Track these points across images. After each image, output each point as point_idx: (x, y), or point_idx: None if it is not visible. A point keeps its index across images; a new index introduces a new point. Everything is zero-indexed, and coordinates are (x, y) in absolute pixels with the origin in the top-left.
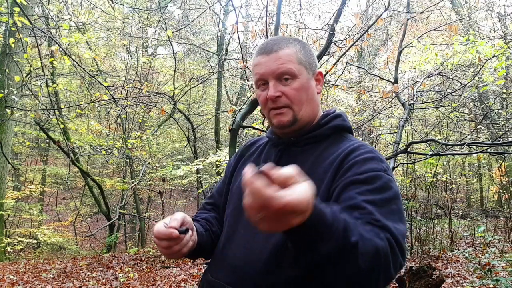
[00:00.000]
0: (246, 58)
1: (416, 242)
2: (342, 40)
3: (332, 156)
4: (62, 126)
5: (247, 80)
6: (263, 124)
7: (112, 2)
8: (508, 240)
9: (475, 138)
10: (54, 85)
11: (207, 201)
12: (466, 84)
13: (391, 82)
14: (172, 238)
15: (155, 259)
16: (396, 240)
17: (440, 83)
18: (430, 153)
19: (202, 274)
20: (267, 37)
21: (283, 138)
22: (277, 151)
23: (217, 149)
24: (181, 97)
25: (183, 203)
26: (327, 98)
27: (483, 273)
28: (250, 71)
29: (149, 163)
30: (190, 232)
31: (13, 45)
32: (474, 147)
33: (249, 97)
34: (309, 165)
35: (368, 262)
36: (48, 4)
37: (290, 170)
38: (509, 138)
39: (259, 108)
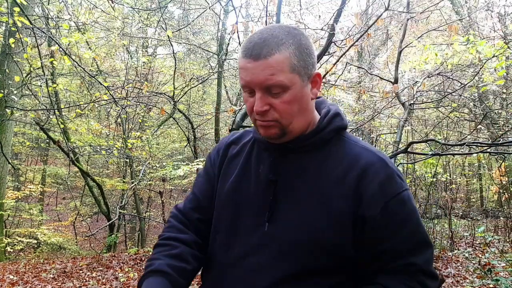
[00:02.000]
0: None
1: None
2: (342, 40)
3: (339, 168)
4: (62, 126)
5: None
6: None
7: (112, 2)
8: (508, 240)
9: (475, 138)
10: (54, 85)
11: (190, 207)
12: (466, 84)
13: (391, 82)
14: None
15: None
16: (425, 272)
17: (440, 83)
18: (430, 153)
19: None
20: None
21: (276, 143)
22: (273, 157)
23: None
24: (181, 97)
25: None
26: (327, 98)
27: (483, 273)
28: None
29: (149, 163)
30: None
31: (13, 45)
32: (474, 147)
33: None
34: (310, 177)
35: None
36: (48, 4)
37: None
38: (509, 138)
39: None
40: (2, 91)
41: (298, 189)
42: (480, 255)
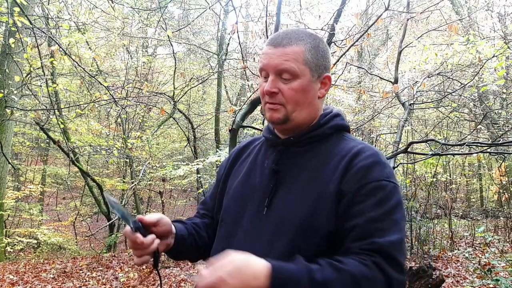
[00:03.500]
0: (246, 58)
1: (416, 242)
2: (342, 40)
3: (336, 157)
4: (62, 126)
5: (247, 80)
6: (263, 124)
7: (112, 2)
8: (508, 240)
9: (475, 138)
10: (54, 85)
11: (200, 207)
12: (466, 84)
13: (391, 82)
14: (128, 236)
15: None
16: (387, 255)
17: (440, 83)
18: (430, 153)
19: None
20: (267, 37)
21: (281, 138)
22: (277, 151)
23: (217, 149)
24: (181, 97)
25: (183, 203)
26: (327, 98)
27: (483, 273)
28: (250, 71)
29: (149, 163)
30: (153, 236)
31: (13, 45)
32: (474, 147)
33: (249, 97)
34: (313, 167)
35: None
36: (48, 4)
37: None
38: (509, 138)
39: (259, 108)
40: (2, 91)
41: (296, 177)
42: (480, 255)
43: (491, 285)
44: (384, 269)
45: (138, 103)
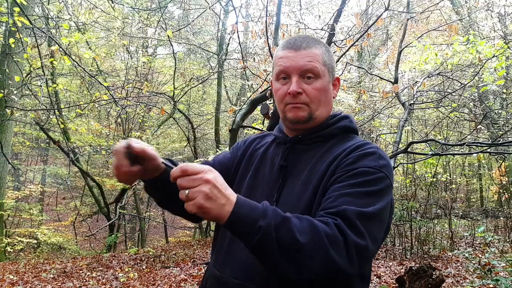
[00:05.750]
0: (246, 58)
1: (416, 242)
2: (342, 40)
3: (336, 153)
4: (62, 126)
5: (247, 80)
6: (263, 124)
7: (112, 2)
8: (508, 240)
9: (475, 138)
10: (54, 85)
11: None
12: (466, 84)
13: (391, 82)
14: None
15: (155, 259)
16: (351, 222)
17: (440, 83)
18: (430, 153)
19: (205, 269)
20: (267, 37)
21: (290, 136)
22: (285, 148)
23: (217, 149)
24: (181, 97)
25: None
26: None
27: (483, 273)
28: (250, 71)
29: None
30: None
31: (13, 45)
32: (474, 147)
33: (249, 97)
34: (313, 163)
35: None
36: (48, 4)
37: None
38: (509, 138)
39: (259, 108)
40: (2, 91)
41: (299, 173)
42: (480, 255)
43: (491, 285)
44: (343, 231)
45: (138, 103)
